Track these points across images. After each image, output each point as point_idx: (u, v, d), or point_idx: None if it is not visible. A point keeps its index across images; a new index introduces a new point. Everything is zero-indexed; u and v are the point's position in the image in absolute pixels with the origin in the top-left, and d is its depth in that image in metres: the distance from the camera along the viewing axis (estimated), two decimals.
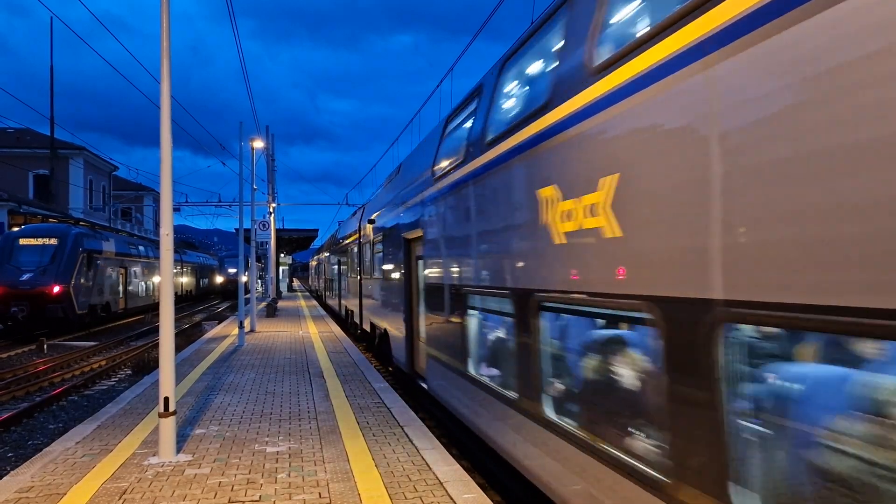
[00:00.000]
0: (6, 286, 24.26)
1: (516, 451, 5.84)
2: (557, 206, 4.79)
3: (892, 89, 2.19)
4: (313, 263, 68.12)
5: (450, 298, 8.18)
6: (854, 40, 2.34)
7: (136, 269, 35.62)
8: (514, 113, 6.29)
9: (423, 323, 9.97)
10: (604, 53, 4.29)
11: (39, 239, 25.92)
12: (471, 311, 7.41)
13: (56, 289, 24.79)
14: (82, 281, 26.59)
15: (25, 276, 24.67)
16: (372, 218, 16.04)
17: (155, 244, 37.25)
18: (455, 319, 7.93)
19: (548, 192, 4.97)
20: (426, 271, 9.57)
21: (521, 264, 5.74)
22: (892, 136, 2.19)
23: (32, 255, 25.37)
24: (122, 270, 32.64)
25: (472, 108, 7.71)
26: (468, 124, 7.65)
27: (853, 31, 2.35)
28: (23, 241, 25.75)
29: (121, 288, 32.49)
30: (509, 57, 6.69)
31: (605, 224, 4.05)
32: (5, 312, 24.06)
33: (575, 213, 4.50)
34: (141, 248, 36.99)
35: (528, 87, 6.34)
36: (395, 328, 12.71)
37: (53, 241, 25.87)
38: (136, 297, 35.58)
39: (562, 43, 5.12)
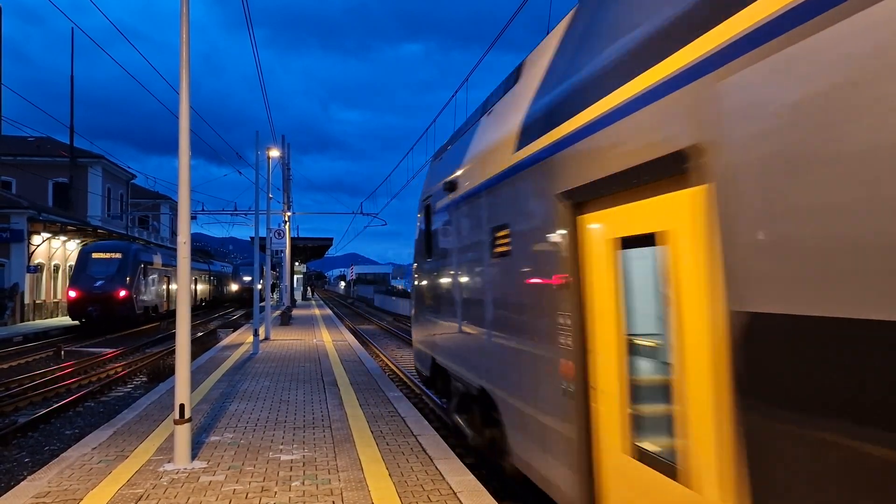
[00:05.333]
0: (84, 291, 30.49)
1: None
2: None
3: None
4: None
5: None
6: None
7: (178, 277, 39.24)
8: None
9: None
10: None
11: (107, 253, 32.49)
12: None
13: (122, 293, 31.11)
14: (140, 287, 33.04)
15: (98, 283, 30.80)
16: None
17: (193, 257, 41.34)
18: None
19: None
20: None
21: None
22: None
23: (102, 266, 31.77)
24: (167, 279, 38.62)
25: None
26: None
27: None
28: (95, 255, 32.26)
29: (166, 293, 38.50)
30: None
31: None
32: (83, 312, 30.13)
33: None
34: None
35: None
36: None
37: (118, 255, 32.31)
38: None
39: None
